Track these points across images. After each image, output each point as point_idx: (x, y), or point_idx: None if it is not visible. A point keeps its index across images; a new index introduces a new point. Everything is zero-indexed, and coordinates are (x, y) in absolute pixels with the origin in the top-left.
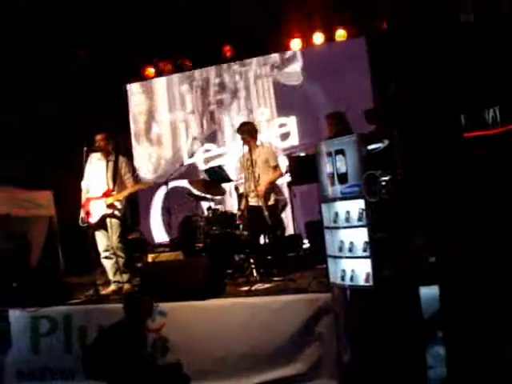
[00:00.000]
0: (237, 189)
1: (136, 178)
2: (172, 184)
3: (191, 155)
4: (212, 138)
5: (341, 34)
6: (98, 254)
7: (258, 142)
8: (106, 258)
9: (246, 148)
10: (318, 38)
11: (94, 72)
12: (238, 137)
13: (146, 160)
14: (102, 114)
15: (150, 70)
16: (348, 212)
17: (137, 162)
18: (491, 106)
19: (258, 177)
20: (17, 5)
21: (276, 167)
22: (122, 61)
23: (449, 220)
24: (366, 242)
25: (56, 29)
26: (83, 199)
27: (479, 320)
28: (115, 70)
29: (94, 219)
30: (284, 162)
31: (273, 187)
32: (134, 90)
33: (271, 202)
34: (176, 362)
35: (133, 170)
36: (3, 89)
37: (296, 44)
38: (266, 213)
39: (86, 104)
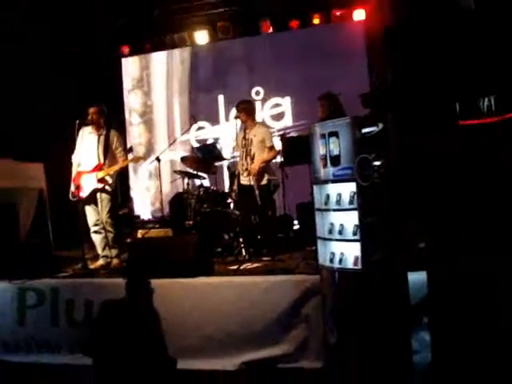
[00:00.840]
0: (229, 168)
1: (128, 152)
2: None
3: (185, 132)
4: (206, 115)
5: (338, 16)
6: (88, 229)
7: (256, 121)
8: (96, 232)
9: (243, 126)
10: (316, 19)
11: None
12: (233, 115)
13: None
14: (95, 86)
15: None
16: (339, 195)
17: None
18: (488, 95)
19: (253, 155)
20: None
21: (271, 148)
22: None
23: (441, 207)
24: (356, 226)
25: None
26: (74, 173)
27: (465, 307)
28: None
29: (84, 193)
30: (277, 143)
31: (266, 167)
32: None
33: (264, 182)
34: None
35: (124, 144)
36: None
37: (294, 24)
38: (257, 192)
39: (79, 76)
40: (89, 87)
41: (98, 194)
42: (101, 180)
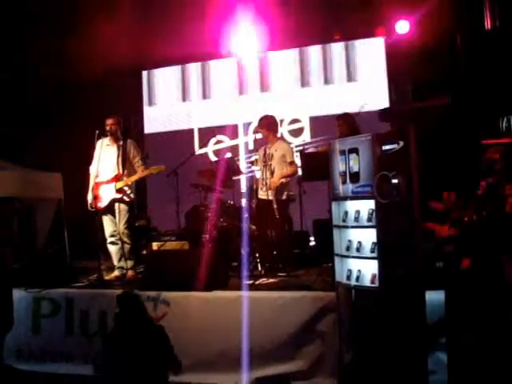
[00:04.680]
0: (248, 182)
1: (144, 159)
2: None
3: (203, 145)
4: (225, 129)
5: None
6: (104, 239)
7: (278, 136)
8: (112, 243)
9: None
10: (336, 35)
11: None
12: (252, 129)
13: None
14: (114, 97)
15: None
16: (358, 212)
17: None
18: (507, 115)
19: (273, 170)
20: None
21: (292, 163)
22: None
23: (460, 226)
24: (374, 243)
25: None
26: (92, 183)
27: (483, 327)
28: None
29: (102, 204)
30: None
31: (286, 183)
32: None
33: (283, 197)
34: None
35: (142, 153)
36: (16, 69)
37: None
38: (276, 206)
39: (99, 87)
40: (107, 98)
41: (117, 205)
42: (119, 190)
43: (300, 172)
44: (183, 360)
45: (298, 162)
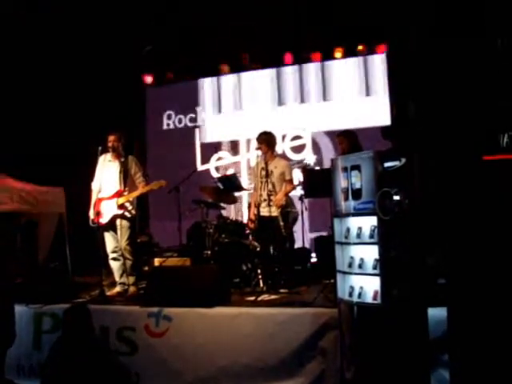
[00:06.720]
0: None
1: (146, 177)
2: None
3: (205, 162)
4: (226, 145)
5: (361, 49)
6: (106, 255)
7: (275, 153)
8: (114, 259)
9: (260, 157)
10: (338, 52)
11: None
12: (253, 146)
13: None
14: (117, 113)
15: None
16: (360, 228)
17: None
18: (508, 131)
19: (274, 187)
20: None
21: (291, 181)
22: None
23: (462, 242)
24: (376, 260)
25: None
26: (94, 199)
27: (486, 345)
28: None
29: (104, 220)
30: (296, 175)
31: (286, 199)
32: None
33: (284, 213)
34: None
35: (143, 169)
36: (18, 85)
37: (316, 57)
38: (282, 223)
39: (101, 102)
40: (110, 114)
41: (118, 221)
42: (121, 206)
43: (299, 188)
44: (185, 376)
45: (296, 177)
